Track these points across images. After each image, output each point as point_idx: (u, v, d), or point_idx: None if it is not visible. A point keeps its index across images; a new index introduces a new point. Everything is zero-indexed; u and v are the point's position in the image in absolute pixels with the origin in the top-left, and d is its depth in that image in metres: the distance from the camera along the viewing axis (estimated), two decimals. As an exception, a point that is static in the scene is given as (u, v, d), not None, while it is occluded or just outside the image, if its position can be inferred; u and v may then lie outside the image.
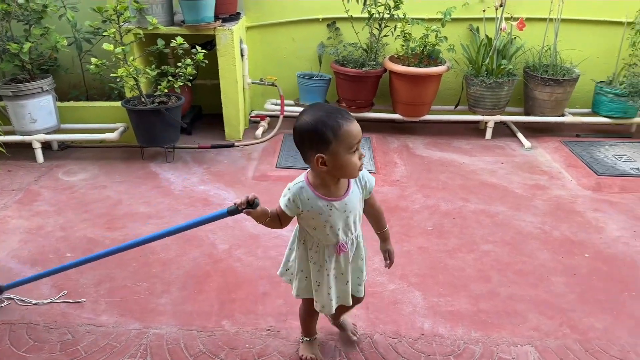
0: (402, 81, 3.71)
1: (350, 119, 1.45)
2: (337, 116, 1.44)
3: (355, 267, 1.70)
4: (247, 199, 1.50)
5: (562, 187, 3.18)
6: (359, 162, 1.48)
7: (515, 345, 1.95)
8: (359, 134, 1.46)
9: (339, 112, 1.47)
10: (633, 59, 3.75)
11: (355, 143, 1.45)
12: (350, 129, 1.43)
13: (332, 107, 1.51)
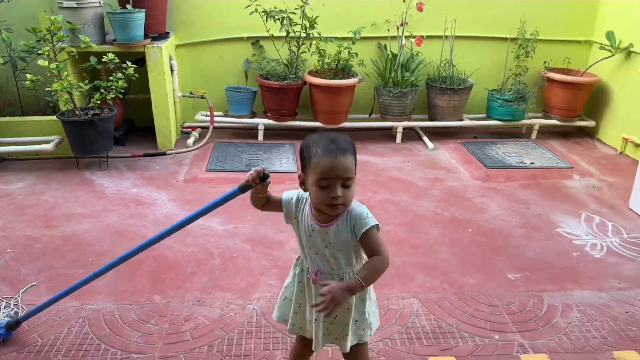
0: (321, 92, 4.14)
1: (333, 155, 1.37)
2: (324, 146, 1.38)
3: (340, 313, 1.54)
4: (258, 172, 1.46)
5: (456, 179, 3.69)
6: (326, 199, 1.39)
7: (403, 299, 2.35)
8: (333, 171, 1.37)
9: (333, 142, 1.39)
10: (518, 69, 4.36)
11: (323, 179, 1.37)
12: (324, 163, 1.37)
13: (337, 136, 1.43)
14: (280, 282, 2.44)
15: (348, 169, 1.39)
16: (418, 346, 2.06)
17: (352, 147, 1.44)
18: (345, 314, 1.53)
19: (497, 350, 2.05)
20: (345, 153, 1.40)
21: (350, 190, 1.42)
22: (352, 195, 1.43)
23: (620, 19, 4.18)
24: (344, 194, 1.39)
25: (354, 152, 1.44)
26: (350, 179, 1.40)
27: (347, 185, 1.40)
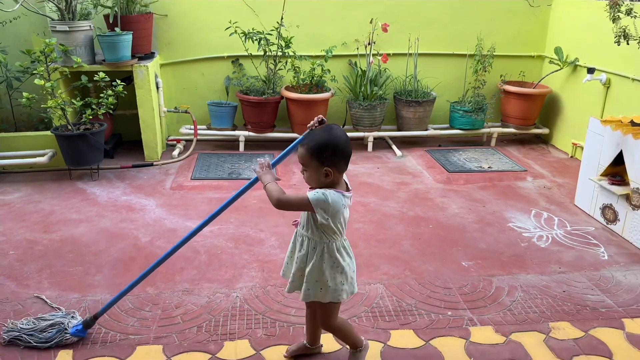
0: (297, 106, 4.48)
1: (300, 147, 1.82)
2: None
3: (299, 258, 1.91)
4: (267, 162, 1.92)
5: (421, 183, 4.03)
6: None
7: (370, 284, 2.66)
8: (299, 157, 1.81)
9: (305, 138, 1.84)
10: (476, 82, 4.76)
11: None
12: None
13: (309, 134, 1.85)
14: (261, 274, 2.75)
15: (299, 156, 1.82)
16: (381, 322, 2.37)
17: (310, 141, 1.79)
18: (310, 271, 1.88)
19: (450, 323, 2.36)
20: (301, 145, 1.83)
21: (309, 175, 1.82)
22: (310, 178, 1.83)
23: (566, 36, 4.62)
24: (304, 174, 1.84)
25: (309, 146, 1.79)
26: (302, 164, 1.82)
27: (304, 170, 1.83)
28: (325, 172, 1.79)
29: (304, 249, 1.90)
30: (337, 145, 1.78)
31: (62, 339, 2.19)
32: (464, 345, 2.21)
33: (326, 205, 1.77)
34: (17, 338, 2.19)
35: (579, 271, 2.79)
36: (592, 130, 3.39)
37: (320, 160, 1.78)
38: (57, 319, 2.27)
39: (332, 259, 1.87)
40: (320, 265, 1.87)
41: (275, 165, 2.01)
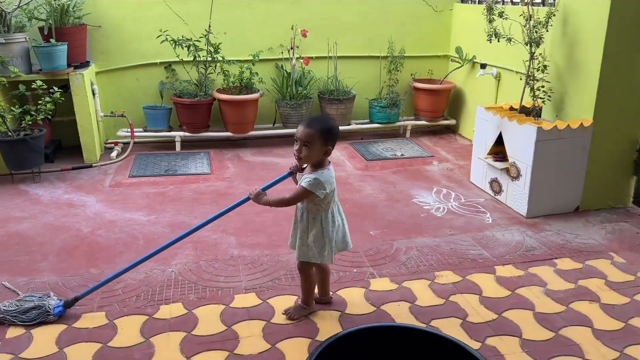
0: (228, 107, 4.86)
1: (302, 125, 2.19)
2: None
3: (301, 229, 2.37)
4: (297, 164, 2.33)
5: (342, 171, 4.51)
6: (293, 151, 2.24)
7: (290, 254, 3.07)
8: (297, 133, 2.19)
9: (310, 119, 2.23)
10: (390, 81, 5.30)
11: (295, 138, 2.21)
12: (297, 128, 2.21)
13: (318, 116, 2.30)
14: (194, 252, 3.11)
15: (306, 135, 2.16)
16: (297, 280, 2.78)
17: (319, 125, 2.17)
18: (300, 238, 2.38)
19: (354, 277, 2.82)
20: (309, 127, 2.17)
21: (309, 152, 2.18)
22: (309, 155, 2.19)
23: (465, 37, 5.24)
24: (302, 151, 2.19)
25: (319, 128, 2.16)
26: (307, 142, 2.16)
27: (305, 145, 2.18)
28: (326, 150, 2.22)
29: (305, 219, 2.35)
30: (337, 130, 2.26)
31: (45, 319, 2.45)
32: (363, 293, 2.67)
33: (320, 183, 2.21)
34: (1, 319, 2.44)
35: (466, 233, 3.32)
36: (480, 117, 3.96)
37: (325, 140, 2.20)
38: (37, 302, 2.50)
39: (326, 226, 2.33)
40: (321, 232, 2.32)
41: (265, 190, 2.42)
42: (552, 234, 3.31)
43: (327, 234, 2.34)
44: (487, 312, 2.50)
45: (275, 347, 2.27)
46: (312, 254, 2.37)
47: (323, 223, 2.33)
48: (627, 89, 3.42)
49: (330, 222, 2.34)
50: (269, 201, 2.35)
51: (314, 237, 2.34)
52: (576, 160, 3.50)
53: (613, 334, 2.33)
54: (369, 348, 1.85)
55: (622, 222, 3.44)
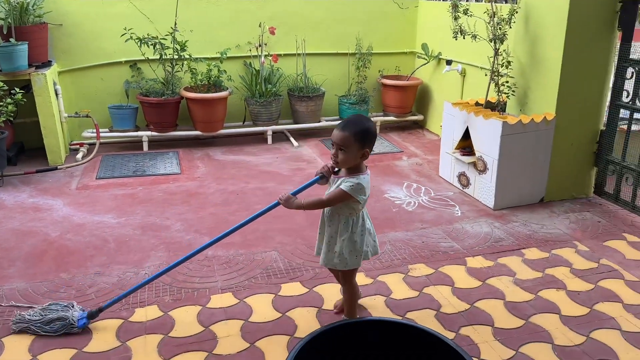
0: (196, 105, 4.81)
1: (337, 128, 2.12)
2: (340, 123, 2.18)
3: (329, 235, 2.27)
4: (329, 167, 2.23)
5: (314, 168, 4.52)
6: (331, 154, 2.17)
7: (265, 252, 3.09)
8: (333, 137, 2.13)
9: (343, 122, 2.15)
10: (359, 77, 5.35)
11: (332, 141, 2.15)
12: (333, 132, 2.15)
13: (352, 118, 2.17)
14: (167, 254, 3.08)
15: (341, 138, 2.11)
16: (274, 279, 2.80)
17: (354, 128, 2.11)
18: (327, 243, 2.29)
19: (330, 274, 2.83)
20: (343, 130, 2.12)
21: (346, 155, 2.12)
22: (346, 158, 2.13)
23: (431, 34, 5.33)
24: (338, 155, 2.14)
25: (354, 131, 2.10)
26: (342, 146, 2.11)
27: (341, 149, 2.12)
28: (363, 153, 2.15)
29: (334, 224, 2.26)
30: (374, 131, 2.19)
31: (69, 331, 2.37)
32: (340, 288, 2.70)
33: (362, 189, 2.15)
34: (26, 329, 2.36)
35: (437, 226, 3.40)
36: (447, 112, 4.05)
37: (362, 142, 2.12)
38: (61, 312, 2.42)
39: (356, 229, 2.25)
40: (352, 237, 2.24)
41: (296, 194, 2.32)
42: (519, 225, 3.42)
43: (358, 238, 2.26)
44: (460, 303, 2.57)
45: (255, 345, 2.28)
46: (349, 262, 2.28)
47: (354, 227, 2.25)
48: (587, 83, 3.55)
49: (360, 226, 2.27)
50: (301, 204, 2.26)
51: (343, 243, 2.26)
52: (540, 153, 3.62)
53: (579, 319, 2.43)
54: (348, 343, 1.89)
55: (585, 212, 3.58)
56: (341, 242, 2.25)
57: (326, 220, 2.30)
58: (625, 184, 3.56)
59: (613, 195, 3.65)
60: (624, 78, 3.46)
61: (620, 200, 3.60)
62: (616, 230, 3.30)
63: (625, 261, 2.93)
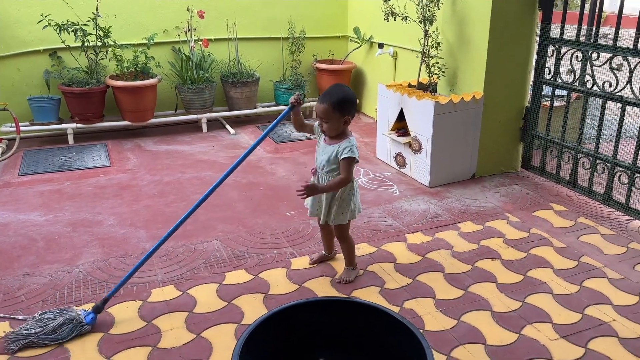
0: (124, 94, 4.59)
1: (319, 102, 2.33)
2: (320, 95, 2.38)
3: (327, 198, 2.47)
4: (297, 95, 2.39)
5: (253, 155, 4.32)
6: (319, 126, 2.41)
7: (207, 242, 3.02)
8: (317, 111, 2.36)
9: (323, 94, 2.33)
10: (293, 62, 5.31)
11: (317, 115, 2.38)
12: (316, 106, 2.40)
13: (330, 90, 2.34)
14: (102, 250, 2.93)
15: (322, 111, 2.32)
16: (217, 268, 2.74)
17: (331, 98, 2.28)
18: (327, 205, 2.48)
19: (275, 259, 2.83)
20: (322, 102, 2.31)
21: (330, 125, 2.34)
22: (332, 127, 2.35)
23: (362, 17, 5.37)
24: (323, 126, 2.36)
25: (331, 102, 2.28)
26: (324, 117, 2.32)
27: (324, 121, 2.34)
28: (345, 120, 2.35)
29: (332, 194, 2.45)
30: (352, 97, 2.37)
31: (80, 331, 2.21)
32: (285, 273, 2.69)
33: (357, 150, 2.37)
34: (28, 345, 2.14)
35: (377, 206, 3.46)
36: (382, 94, 4.11)
37: (342, 111, 2.32)
38: (65, 316, 2.24)
39: (352, 188, 2.47)
40: (348, 197, 2.46)
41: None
42: (454, 200, 3.55)
43: (353, 194, 2.49)
44: (403, 278, 2.64)
45: (201, 336, 2.22)
46: (344, 217, 2.50)
47: (350, 187, 2.46)
48: (512, 62, 3.71)
49: (354, 185, 2.50)
50: (325, 188, 2.41)
51: (342, 202, 2.47)
52: (470, 131, 3.76)
53: (514, 286, 2.56)
54: (297, 324, 1.89)
55: (514, 185, 3.77)
56: (340, 201, 2.47)
57: (325, 182, 2.45)
58: (550, 157, 3.77)
59: (539, 168, 3.87)
60: (546, 56, 3.66)
61: (545, 172, 3.82)
62: (543, 201, 3.50)
63: (553, 229, 3.12)
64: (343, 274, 2.63)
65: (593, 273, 2.64)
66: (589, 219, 3.23)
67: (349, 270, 2.64)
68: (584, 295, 2.47)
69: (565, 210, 3.35)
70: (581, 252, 2.85)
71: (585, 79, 3.40)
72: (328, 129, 2.37)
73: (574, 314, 2.33)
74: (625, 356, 2.06)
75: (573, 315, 2.32)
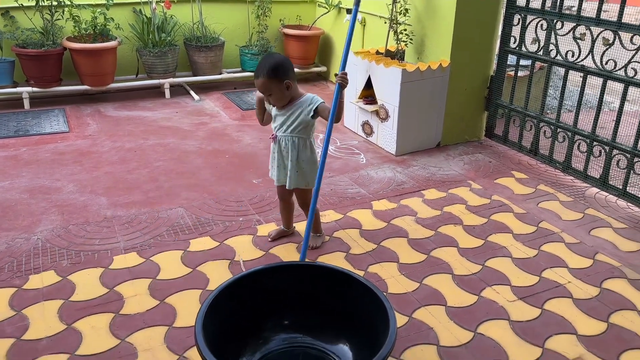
0: (82, 57, 4.39)
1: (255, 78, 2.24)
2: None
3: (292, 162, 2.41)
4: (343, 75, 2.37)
5: (218, 122, 4.38)
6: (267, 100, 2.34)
7: (171, 209, 2.96)
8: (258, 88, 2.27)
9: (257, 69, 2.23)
10: (260, 27, 5.18)
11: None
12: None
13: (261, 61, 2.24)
14: (61, 217, 2.86)
15: (260, 86, 2.25)
16: (182, 235, 2.71)
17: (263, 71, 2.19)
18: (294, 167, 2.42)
19: (241, 225, 2.81)
20: (257, 78, 2.23)
21: (275, 96, 2.26)
22: (277, 98, 2.27)
23: (331, -18, 5.26)
24: (271, 100, 2.30)
25: (264, 74, 2.19)
26: (265, 91, 2.25)
27: (269, 95, 2.26)
28: (286, 85, 2.24)
29: (296, 149, 2.39)
30: (284, 61, 2.26)
31: None
32: (251, 239, 2.68)
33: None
34: None
35: (343, 174, 3.46)
36: (350, 61, 4.06)
37: (278, 78, 2.21)
38: None
39: (313, 148, 2.45)
40: (312, 156, 2.44)
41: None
42: (419, 168, 3.59)
43: (316, 157, 2.47)
44: (368, 243, 2.67)
45: (165, 302, 2.20)
46: (310, 179, 2.47)
47: (312, 148, 2.45)
48: (479, 30, 3.72)
49: (314, 146, 2.48)
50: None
51: (307, 165, 2.44)
52: (436, 99, 3.78)
53: (475, 250, 2.63)
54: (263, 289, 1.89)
55: (477, 154, 3.83)
56: (306, 164, 2.44)
57: (289, 147, 2.41)
58: (512, 125, 3.84)
59: (502, 137, 3.93)
60: (512, 24, 3.68)
61: (508, 141, 3.90)
62: (505, 169, 3.58)
63: (514, 196, 3.20)
64: (311, 241, 2.64)
65: (551, 238, 2.74)
66: (549, 186, 3.32)
67: (315, 237, 2.65)
68: (541, 259, 2.56)
69: (526, 178, 3.44)
70: (540, 218, 2.94)
71: (550, 48, 3.44)
72: (276, 100, 2.30)
73: (531, 277, 2.41)
74: (579, 315, 2.16)
75: (531, 278, 2.40)
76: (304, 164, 2.45)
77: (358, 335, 1.83)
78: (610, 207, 3.06)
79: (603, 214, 2.97)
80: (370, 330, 1.76)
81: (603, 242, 2.70)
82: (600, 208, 3.04)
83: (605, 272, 2.44)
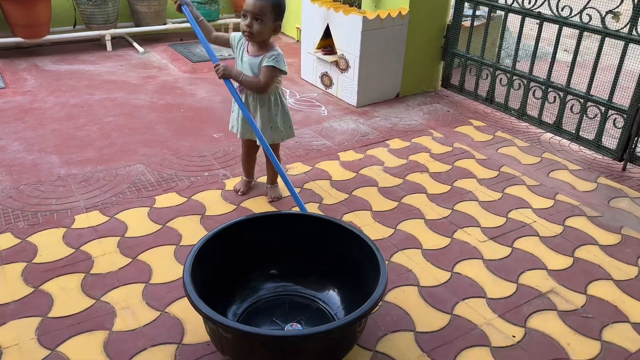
0: (12, 5, 4.00)
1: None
2: None
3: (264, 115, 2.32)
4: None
5: (168, 75, 4.16)
6: (242, 26, 2.14)
7: (129, 166, 2.81)
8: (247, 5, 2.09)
9: None
10: (206, -25, 4.90)
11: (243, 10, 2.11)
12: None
13: None
14: (10, 177, 2.66)
15: (259, 7, 2.08)
16: (145, 192, 2.58)
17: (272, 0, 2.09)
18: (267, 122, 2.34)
19: (207, 181, 2.71)
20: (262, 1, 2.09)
21: (260, 26, 2.11)
22: (260, 29, 2.12)
23: None
24: (253, 26, 2.11)
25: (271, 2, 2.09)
26: (259, 14, 2.09)
27: (256, 19, 2.10)
28: (275, 27, 2.18)
29: (266, 104, 2.30)
30: (285, 5, 2.21)
31: None
32: (220, 194, 2.60)
33: (284, 58, 2.22)
34: None
35: (307, 127, 3.41)
36: (306, 9, 3.94)
37: (277, 14, 2.15)
38: None
39: (284, 101, 2.38)
40: (283, 109, 2.36)
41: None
42: (381, 119, 3.59)
43: (288, 110, 2.41)
44: (339, 194, 2.66)
45: (138, 259, 2.11)
46: (286, 134, 2.44)
47: (282, 101, 2.37)
48: (435, -21, 3.70)
49: (285, 100, 2.41)
50: (239, 76, 2.21)
51: (281, 117, 2.38)
52: (396, 49, 3.75)
53: (443, 196, 2.69)
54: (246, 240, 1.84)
55: (435, 104, 3.88)
56: (277, 117, 2.37)
57: (257, 102, 2.32)
58: (469, 75, 3.89)
59: (458, 87, 3.99)
60: (469, -27, 3.67)
61: (464, 91, 3.95)
62: (463, 118, 3.65)
63: (474, 143, 3.27)
64: (271, 192, 2.58)
65: (513, 181, 2.84)
66: (506, 132, 3.42)
67: (274, 188, 2.60)
68: (506, 201, 2.65)
69: (483, 126, 3.52)
70: (501, 162, 3.03)
71: (506, -3, 3.47)
72: (258, 30, 2.13)
73: (499, 218, 2.50)
74: (546, 252, 2.27)
75: (498, 219, 2.49)
76: (277, 119, 2.37)
77: (345, 279, 1.84)
78: (564, 150, 3.21)
79: (559, 157, 3.11)
80: (357, 273, 1.77)
81: (561, 183, 2.83)
82: (555, 152, 3.18)
83: (566, 211, 2.57)
